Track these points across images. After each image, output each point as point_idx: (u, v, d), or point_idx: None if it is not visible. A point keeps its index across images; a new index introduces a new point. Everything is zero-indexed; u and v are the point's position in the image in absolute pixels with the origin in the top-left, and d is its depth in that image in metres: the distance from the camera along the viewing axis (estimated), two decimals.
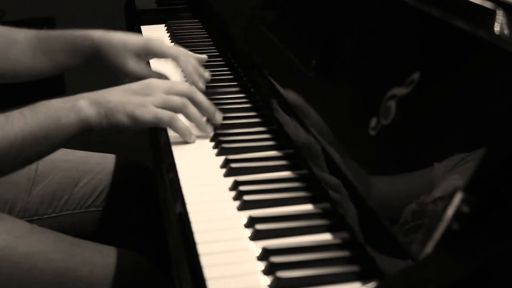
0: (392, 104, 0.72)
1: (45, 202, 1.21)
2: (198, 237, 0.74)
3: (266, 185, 0.85)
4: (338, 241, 0.73)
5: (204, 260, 0.70)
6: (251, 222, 0.76)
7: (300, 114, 0.91)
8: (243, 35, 1.27)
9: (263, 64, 1.09)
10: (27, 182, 1.21)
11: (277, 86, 1.01)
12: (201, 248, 0.72)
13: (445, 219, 0.58)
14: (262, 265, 0.70)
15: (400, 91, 0.72)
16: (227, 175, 0.88)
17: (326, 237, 0.75)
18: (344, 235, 0.74)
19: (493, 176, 0.57)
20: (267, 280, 0.67)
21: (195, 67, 1.12)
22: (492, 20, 0.67)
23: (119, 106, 0.92)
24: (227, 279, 0.68)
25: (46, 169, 1.23)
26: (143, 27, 1.57)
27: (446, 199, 0.58)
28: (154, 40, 1.15)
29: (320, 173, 0.82)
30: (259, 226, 0.75)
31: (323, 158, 0.82)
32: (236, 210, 0.81)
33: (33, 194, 1.20)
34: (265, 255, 0.70)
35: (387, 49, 0.80)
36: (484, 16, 0.69)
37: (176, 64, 1.13)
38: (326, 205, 0.80)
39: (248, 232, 0.76)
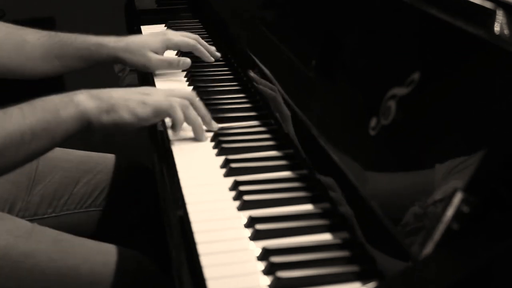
0: (392, 104, 0.72)
1: (45, 201, 1.21)
2: (198, 237, 0.74)
3: (266, 185, 0.85)
4: (338, 241, 0.73)
5: (204, 260, 0.70)
6: (251, 222, 0.76)
7: (300, 114, 0.91)
8: (243, 35, 1.27)
9: (263, 64, 1.09)
10: (27, 182, 1.21)
11: (277, 85, 1.01)
12: (201, 248, 0.72)
13: (445, 219, 0.58)
14: (262, 265, 0.70)
15: (400, 91, 0.72)
16: (227, 175, 0.88)
17: (326, 237, 0.75)
18: (344, 235, 0.74)
19: (493, 176, 0.57)
20: (267, 280, 0.67)
21: (209, 50, 1.31)
22: (492, 20, 0.67)
23: (121, 102, 0.93)
24: (227, 279, 0.68)
25: (46, 168, 1.23)
26: (143, 27, 1.57)
27: (447, 199, 0.58)
28: (170, 35, 1.25)
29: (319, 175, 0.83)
30: (259, 226, 0.75)
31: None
32: (236, 210, 0.81)
33: (33, 193, 1.21)
34: (265, 255, 0.70)
35: (387, 49, 0.80)
36: (484, 16, 0.69)
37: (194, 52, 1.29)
38: (326, 205, 0.80)
39: (248, 232, 0.76)
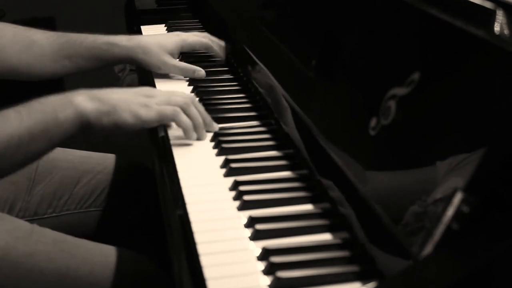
0: (392, 104, 0.72)
1: (45, 202, 1.21)
2: (198, 237, 0.74)
3: (266, 185, 0.85)
4: (338, 241, 0.73)
5: (204, 260, 0.70)
6: (251, 222, 0.76)
7: (300, 114, 0.91)
8: (243, 35, 1.27)
9: (263, 64, 1.09)
10: (27, 182, 1.21)
11: (277, 85, 1.01)
12: (201, 248, 0.72)
13: (445, 219, 0.58)
14: (262, 265, 0.70)
15: (400, 91, 0.72)
16: (227, 175, 0.88)
17: (326, 237, 0.75)
18: (344, 235, 0.74)
19: (493, 176, 0.57)
20: (267, 280, 0.67)
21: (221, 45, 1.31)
22: (492, 20, 0.67)
23: (123, 105, 0.92)
24: (227, 279, 0.68)
25: (46, 169, 1.23)
26: (143, 27, 1.57)
27: (446, 199, 0.58)
28: (184, 36, 1.25)
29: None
30: (259, 226, 0.75)
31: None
32: (236, 210, 0.81)
33: (33, 193, 1.20)
34: (265, 255, 0.70)
35: (387, 49, 0.80)
36: (484, 16, 0.69)
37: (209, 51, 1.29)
38: (326, 205, 0.80)
39: (248, 232, 0.76)
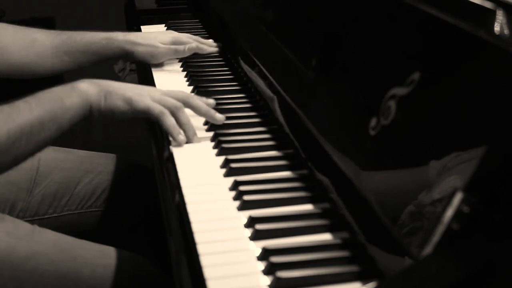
0: (392, 104, 0.72)
1: (46, 202, 1.21)
2: (198, 237, 0.74)
3: (266, 185, 0.85)
4: (338, 241, 0.73)
5: (204, 260, 0.70)
6: (251, 222, 0.76)
7: (300, 114, 0.91)
8: (243, 35, 1.27)
9: (263, 64, 1.09)
10: (28, 182, 1.21)
11: (277, 86, 1.01)
12: (201, 248, 0.72)
13: (445, 219, 0.58)
14: (262, 265, 0.70)
15: (400, 91, 0.72)
16: (227, 175, 0.88)
17: (326, 237, 0.75)
18: (344, 235, 0.74)
19: (493, 176, 0.57)
20: (267, 280, 0.67)
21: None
22: (492, 20, 0.67)
23: (119, 91, 0.96)
24: (227, 279, 0.68)
25: (47, 169, 1.23)
26: (143, 27, 1.57)
27: (446, 199, 0.58)
28: (176, 34, 1.30)
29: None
30: (259, 226, 0.75)
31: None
32: (236, 210, 0.81)
33: (34, 194, 1.20)
34: (265, 255, 0.70)
35: (387, 49, 0.80)
36: (484, 16, 0.69)
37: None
38: (326, 205, 0.80)
39: (248, 232, 0.76)
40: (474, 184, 0.57)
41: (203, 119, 1.04)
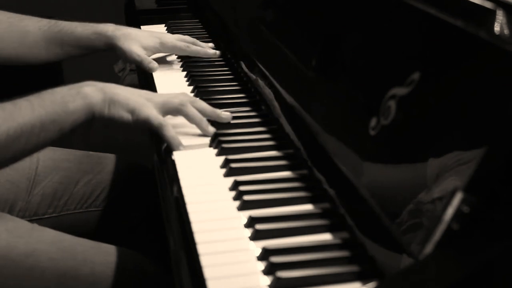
0: (392, 104, 0.72)
1: (45, 202, 1.21)
2: (198, 237, 0.74)
3: (266, 185, 0.85)
4: (338, 241, 0.73)
5: (204, 260, 0.70)
6: (251, 222, 0.76)
7: (300, 114, 0.91)
8: (243, 35, 1.27)
9: (263, 64, 1.09)
10: (27, 182, 1.21)
11: (277, 86, 1.01)
12: (201, 248, 0.72)
13: (445, 219, 0.58)
14: (262, 265, 0.70)
15: (400, 91, 0.72)
16: (227, 175, 0.88)
17: (326, 237, 0.75)
18: (344, 235, 0.74)
19: (493, 176, 0.57)
20: (267, 280, 0.67)
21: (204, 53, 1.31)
22: (492, 20, 0.67)
23: (123, 101, 0.95)
24: (227, 279, 0.68)
25: (47, 169, 1.23)
26: (143, 27, 1.57)
27: (446, 199, 0.58)
28: (164, 39, 1.27)
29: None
30: (259, 226, 0.75)
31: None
32: (236, 210, 0.80)
33: (33, 194, 1.21)
34: (265, 255, 0.70)
35: (387, 49, 0.80)
36: (484, 16, 0.69)
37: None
38: (326, 205, 0.80)
39: (248, 232, 0.76)
40: (474, 184, 0.57)
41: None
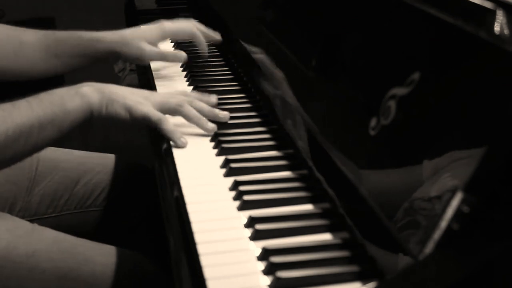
0: (392, 104, 0.72)
1: (45, 202, 1.21)
2: (198, 237, 0.74)
3: (266, 185, 0.85)
4: (338, 241, 0.73)
5: (204, 260, 0.70)
6: (251, 222, 0.76)
7: (300, 114, 0.91)
8: (243, 35, 1.27)
9: (263, 64, 1.09)
10: (27, 182, 1.21)
11: (277, 85, 1.01)
12: (201, 248, 0.72)
13: (445, 219, 0.58)
14: (262, 265, 0.70)
15: (400, 91, 0.72)
16: (227, 175, 0.88)
17: (326, 237, 0.75)
18: (344, 235, 0.74)
19: (493, 176, 0.57)
20: (267, 280, 0.67)
21: (209, 35, 1.29)
22: (492, 20, 0.67)
23: (120, 99, 0.96)
24: (227, 279, 0.68)
25: (46, 169, 1.23)
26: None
27: (446, 199, 0.58)
28: (166, 24, 1.24)
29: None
30: (259, 226, 0.75)
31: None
32: (236, 210, 0.81)
33: (33, 194, 1.21)
34: (265, 255, 0.70)
35: (387, 49, 0.80)
36: (484, 16, 0.69)
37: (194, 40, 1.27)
38: (326, 205, 0.80)
39: (248, 232, 0.76)
40: (474, 184, 0.57)
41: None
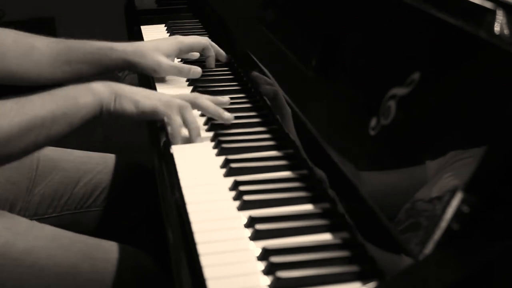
0: (392, 104, 0.72)
1: (45, 202, 1.21)
2: (198, 237, 0.74)
3: (266, 185, 0.85)
4: (338, 241, 0.73)
5: (204, 260, 0.70)
6: (251, 222, 0.76)
7: (300, 114, 0.91)
8: (243, 35, 1.27)
9: (263, 64, 1.10)
10: (27, 182, 1.21)
11: (277, 85, 1.01)
12: (201, 248, 0.72)
13: (445, 219, 0.58)
14: (262, 265, 0.70)
15: (400, 91, 0.72)
16: (227, 175, 0.88)
17: (326, 237, 0.75)
18: (344, 235, 0.74)
19: (493, 176, 0.57)
20: (267, 280, 0.67)
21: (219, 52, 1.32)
22: (492, 20, 0.67)
23: (128, 94, 0.99)
24: (227, 279, 0.68)
25: (47, 169, 1.23)
26: (143, 27, 1.57)
27: (446, 199, 0.58)
28: (181, 37, 1.26)
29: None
30: (259, 226, 0.75)
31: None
32: (236, 210, 0.81)
33: (33, 194, 1.21)
34: (265, 255, 0.70)
35: (387, 49, 0.80)
36: (484, 16, 0.69)
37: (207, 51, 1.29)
38: (326, 205, 0.80)
39: (248, 232, 0.76)
40: (474, 184, 0.57)
41: (204, 119, 1.04)
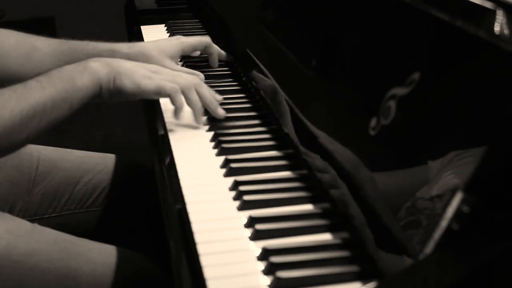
0: (392, 104, 0.72)
1: (45, 202, 1.21)
2: (198, 237, 0.74)
3: (266, 185, 0.85)
4: (338, 241, 0.73)
5: (204, 260, 0.70)
6: (251, 222, 0.76)
7: (300, 114, 0.91)
8: (243, 35, 1.27)
9: (263, 64, 1.09)
10: (27, 182, 1.21)
11: (277, 85, 1.01)
12: (201, 248, 0.72)
13: (445, 219, 0.58)
14: (262, 265, 0.70)
15: (400, 91, 0.72)
16: (227, 175, 0.88)
17: (326, 237, 0.75)
18: (344, 235, 0.74)
19: (493, 176, 0.57)
20: (267, 280, 0.67)
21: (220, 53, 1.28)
22: (492, 20, 0.67)
23: (128, 73, 0.98)
24: (227, 279, 0.68)
25: (47, 169, 1.23)
26: (143, 27, 1.57)
27: (446, 198, 0.58)
28: (184, 38, 1.24)
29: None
30: (259, 226, 0.75)
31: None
32: (236, 210, 0.81)
33: (33, 194, 1.21)
34: (265, 255, 0.70)
35: (387, 49, 0.80)
36: (484, 16, 0.69)
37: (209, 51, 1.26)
38: (326, 205, 0.80)
39: (248, 232, 0.76)
40: (474, 184, 0.57)
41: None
